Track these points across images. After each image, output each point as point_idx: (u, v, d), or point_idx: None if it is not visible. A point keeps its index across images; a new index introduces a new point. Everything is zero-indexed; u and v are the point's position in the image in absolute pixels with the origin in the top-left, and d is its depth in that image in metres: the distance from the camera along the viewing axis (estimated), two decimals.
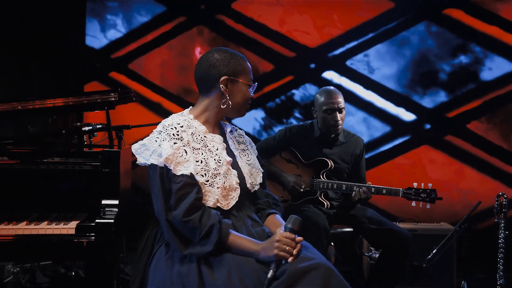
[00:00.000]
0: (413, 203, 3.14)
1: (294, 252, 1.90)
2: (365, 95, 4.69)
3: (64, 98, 2.72)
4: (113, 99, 2.68)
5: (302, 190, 3.33)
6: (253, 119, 4.74)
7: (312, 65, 4.74)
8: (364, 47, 4.71)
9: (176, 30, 4.84)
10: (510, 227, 3.34)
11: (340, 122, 3.34)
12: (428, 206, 3.12)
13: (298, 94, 4.75)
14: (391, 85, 4.68)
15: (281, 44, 4.77)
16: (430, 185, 3.13)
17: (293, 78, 4.77)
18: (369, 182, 3.26)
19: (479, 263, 4.04)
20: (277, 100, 4.78)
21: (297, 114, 4.73)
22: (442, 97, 4.63)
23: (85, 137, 3.15)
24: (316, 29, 4.71)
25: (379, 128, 4.69)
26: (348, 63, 4.70)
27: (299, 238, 1.95)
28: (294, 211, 3.25)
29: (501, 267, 3.34)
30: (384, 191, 3.16)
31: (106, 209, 2.30)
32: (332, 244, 3.63)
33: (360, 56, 4.70)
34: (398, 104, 4.67)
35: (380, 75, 4.68)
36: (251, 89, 2.12)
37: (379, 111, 4.70)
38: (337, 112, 3.32)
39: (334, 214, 3.35)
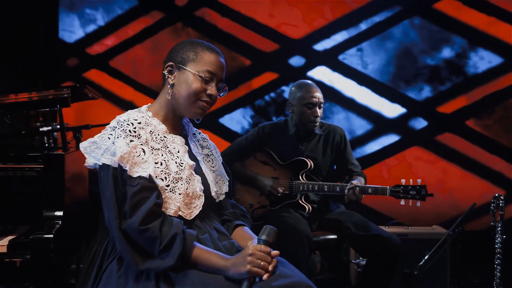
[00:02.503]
0: (402, 202, 2.81)
1: (270, 268, 1.60)
2: (358, 91, 4.34)
3: (14, 95, 2.35)
4: (66, 95, 2.30)
5: (280, 194, 2.96)
6: (241, 117, 4.40)
7: (303, 61, 4.39)
8: (355, 42, 4.35)
9: (159, 25, 4.48)
10: (507, 231, 3.06)
11: (318, 118, 3.02)
12: (418, 204, 2.79)
13: (287, 91, 4.38)
14: (380, 80, 4.33)
15: (269, 38, 4.42)
16: (419, 181, 2.81)
17: (280, 76, 4.40)
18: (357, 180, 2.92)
19: (473, 268, 3.76)
20: (266, 97, 4.43)
21: (287, 112, 4.36)
22: (435, 93, 4.28)
23: (45, 138, 2.77)
24: (306, 22, 4.35)
25: (368, 126, 4.32)
26: (340, 57, 4.35)
27: (275, 252, 1.65)
28: (273, 217, 2.93)
29: (498, 274, 3.05)
30: (369, 190, 2.82)
31: (48, 221, 1.91)
32: (317, 251, 3.28)
33: (352, 51, 4.36)
34: (392, 100, 4.32)
35: (371, 70, 4.32)
36: (204, 84, 1.74)
37: (370, 108, 4.34)
38: (317, 107, 2.99)
39: (316, 218, 2.98)
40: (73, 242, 2.21)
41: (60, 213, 1.96)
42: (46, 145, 2.77)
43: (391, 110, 4.30)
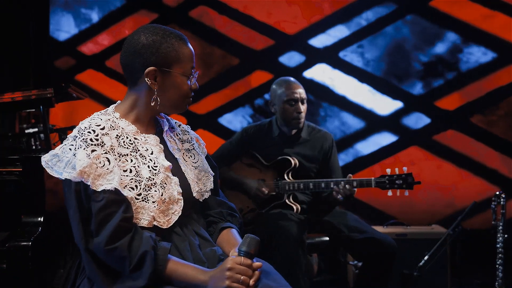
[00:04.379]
0: (389, 193, 2.70)
1: (251, 282, 1.45)
2: (359, 89, 4.20)
3: None
4: (49, 95, 2.19)
5: (265, 196, 2.85)
6: (241, 117, 4.29)
7: (303, 58, 4.26)
8: (354, 38, 4.22)
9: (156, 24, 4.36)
10: (508, 230, 2.96)
11: (302, 114, 2.87)
12: (406, 193, 2.69)
13: None
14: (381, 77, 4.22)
15: (267, 35, 4.29)
16: (405, 169, 2.69)
17: (278, 74, 4.29)
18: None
19: (474, 268, 3.63)
20: (266, 96, 4.31)
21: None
22: (436, 90, 4.15)
23: (32, 140, 2.66)
24: (305, 18, 4.24)
25: (369, 125, 4.20)
26: (341, 54, 4.23)
27: (257, 264, 1.49)
28: (264, 220, 2.81)
29: (500, 274, 2.94)
30: (354, 184, 2.69)
31: (27, 228, 1.80)
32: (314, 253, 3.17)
33: (353, 47, 4.23)
34: (395, 97, 4.19)
35: (371, 67, 4.21)
36: (191, 79, 1.62)
37: (365, 107, 4.22)
38: (299, 103, 2.85)
39: (306, 219, 2.86)
40: (58, 246, 2.10)
41: (40, 219, 1.85)
42: (33, 147, 2.67)
43: (392, 107, 4.18)
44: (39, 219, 1.85)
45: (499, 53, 4.06)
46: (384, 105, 4.18)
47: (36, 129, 2.59)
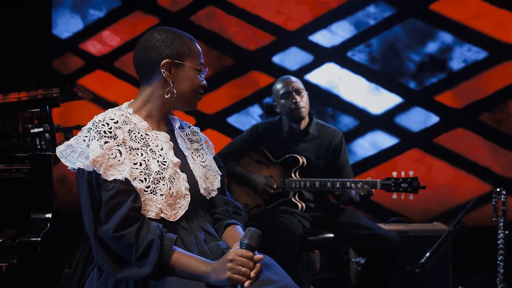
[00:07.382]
0: (394, 195, 2.72)
1: (252, 274, 1.49)
2: (367, 88, 4.21)
3: (2, 95, 2.27)
4: (55, 94, 2.21)
5: (273, 191, 2.87)
6: (250, 117, 4.31)
7: (311, 58, 4.27)
8: (362, 38, 4.24)
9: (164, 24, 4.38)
10: (509, 226, 2.98)
11: (301, 103, 2.89)
12: (411, 197, 2.70)
13: None
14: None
15: (276, 35, 4.31)
16: (411, 173, 2.70)
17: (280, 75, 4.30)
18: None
19: (475, 264, 3.64)
20: None
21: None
22: (441, 86, 4.15)
23: (37, 140, 2.69)
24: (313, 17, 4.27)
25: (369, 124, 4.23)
26: (349, 54, 4.23)
27: (258, 256, 1.53)
28: (268, 216, 2.85)
29: (502, 270, 2.96)
30: (359, 185, 2.72)
31: (36, 224, 1.83)
32: (316, 250, 3.19)
33: (361, 47, 4.23)
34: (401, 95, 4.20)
35: (379, 66, 4.22)
36: (201, 75, 1.69)
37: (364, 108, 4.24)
38: (294, 93, 2.90)
39: (311, 216, 2.88)
40: (65, 244, 2.13)
41: (48, 215, 1.87)
42: (39, 146, 2.70)
43: (388, 104, 4.20)
44: (48, 215, 1.87)
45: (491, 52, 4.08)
46: (385, 103, 4.21)
47: (41, 129, 2.62)
